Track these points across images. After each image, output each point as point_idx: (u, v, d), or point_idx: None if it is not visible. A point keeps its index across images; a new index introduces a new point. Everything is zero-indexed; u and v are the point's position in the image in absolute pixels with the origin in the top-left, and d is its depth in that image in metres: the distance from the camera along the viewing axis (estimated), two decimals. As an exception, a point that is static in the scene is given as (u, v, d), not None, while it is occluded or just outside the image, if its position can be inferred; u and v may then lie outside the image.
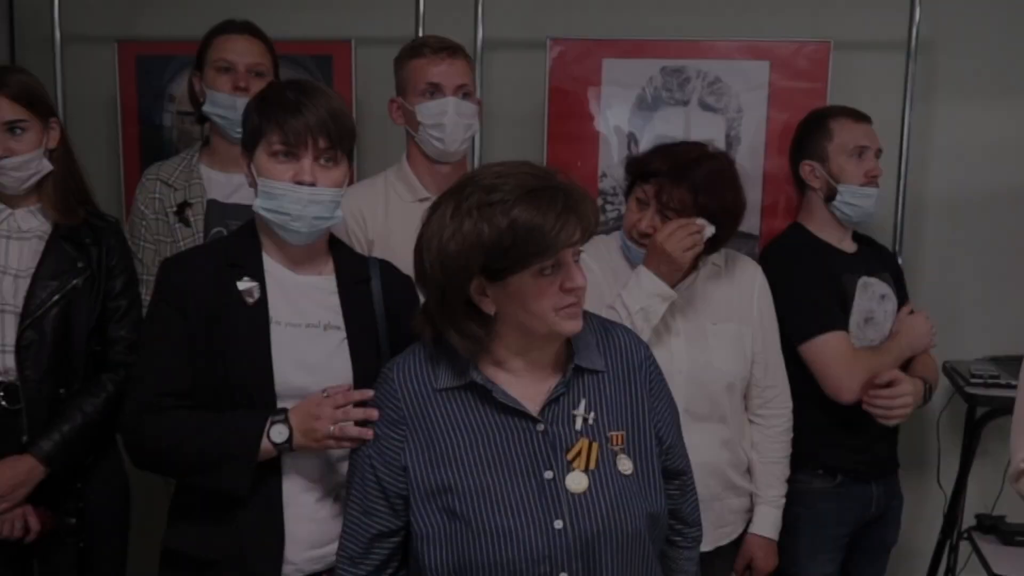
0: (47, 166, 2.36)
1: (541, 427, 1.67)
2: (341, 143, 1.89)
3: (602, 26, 3.29)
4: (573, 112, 3.26)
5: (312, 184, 1.85)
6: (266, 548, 1.88)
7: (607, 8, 3.32)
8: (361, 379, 1.88)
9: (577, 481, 1.64)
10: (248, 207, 1.99)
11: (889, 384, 2.50)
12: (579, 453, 1.66)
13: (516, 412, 1.67)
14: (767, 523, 2.50)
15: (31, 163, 2.32)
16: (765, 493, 2.49)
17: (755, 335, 2.44)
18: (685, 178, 2.27)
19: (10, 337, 2.30)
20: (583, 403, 1.70)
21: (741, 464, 2.47)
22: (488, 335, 1.68)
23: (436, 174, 2.55)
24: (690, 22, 3.27)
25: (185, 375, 1.87)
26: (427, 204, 2.46)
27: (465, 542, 1.61)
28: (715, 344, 2.38)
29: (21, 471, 2.27)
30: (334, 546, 1.83)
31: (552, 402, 1.69)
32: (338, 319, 1.94)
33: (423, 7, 3.19)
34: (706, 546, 2.35)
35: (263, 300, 1.90)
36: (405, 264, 2.38)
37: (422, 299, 1.79)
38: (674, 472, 1.85)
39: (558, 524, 1.61)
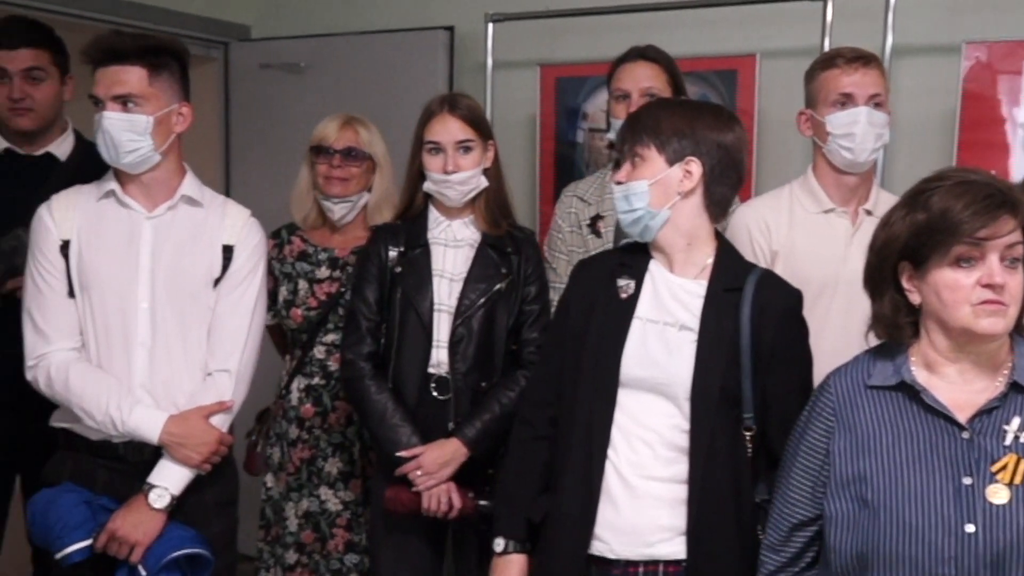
0: (484, 182, 2.48)
1: (966, 435, 1.59)
2: (638, 142, 1.94)
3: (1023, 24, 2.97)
4: (986, 118, 2.97)
5: (618, 183, 1.97)
6: (576, 521, 1.91)
7: (1030, 5, 2.99)
8: (700, 379, 1.87)
9: (998, 493, 1.55)
10: None
11: None
12: (1005, 467, 1.57)
13: (943, 416, 1.61)
14: None
15: (472, 179, 2.46)
16: None
17: None
18: None
19: (444, 333, 2.44)
20: (1017, 420, 1.60)
21: None
22: (915, 332, 1.66)
23: (842, 185, 2.41)
24: None
25: (554, 403, 2.03)
26: (832, 215, 2.39)
27: (872, 531, 1.59)
28: None
29: (447, 451, 2.40)
30: (653, 539, 1.88)
31: (983, 413, 1.60)
32: (694, 321, 1.91)
33: (830, 17, 3.04)
34: None
35: (634, 297, 1.95)
36: (809, 276, 2.30)
37: None
38: None
39: (969, 528, 1.54)
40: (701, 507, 1.87)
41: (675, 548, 1.89)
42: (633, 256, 2.01)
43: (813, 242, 2.39)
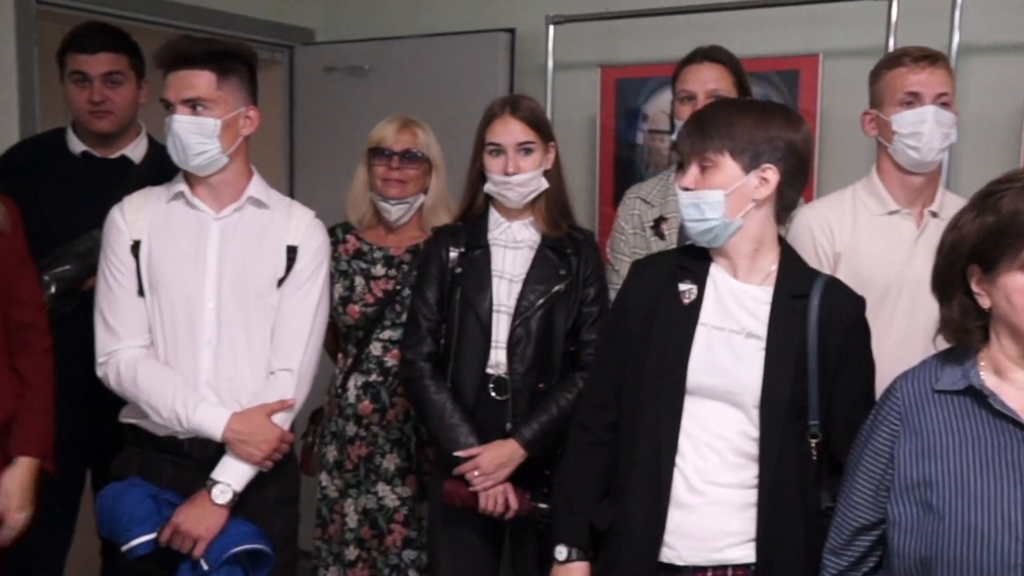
0: (544, 184, 2.47)
1: None
2: (709, 147, 1.87)
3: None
4: (1058, 117, 2.89)
5: (685, 189, 1.89)
6: (645, 528, 1.89)
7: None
8: (770, 387, 1.85)
9: None
10: None
11: None
12: None
13: (1012, 421, 1.57)
14: None
15: (532, 181, 2.44)
16: None
17: None
18: None
19: (503, 334, 2.44)
20: None
21: None
22: (985, 336, 1.62)
23: (907, 186, 2.36)
24: None
25: (612, 408, 2.01)
26: (896, 217, 2.34)
27: (936, 535, 1.56)
28: None
29: (504, 453, 2.39)
30: (721, 544, 1.87)
31: None
32: (761, 328, 1.89)
33: (895, 16, 2.98)
34: None
35: (697, 302, 1.92)
36: (872, 279, 2.26)
37: None
38: None
39: None
40: (770, 513, 1.85)
41: (744, 553, 1.87)
42: (693, 260, 1.97)
43: (877, 244, 2.34)
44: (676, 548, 1.88)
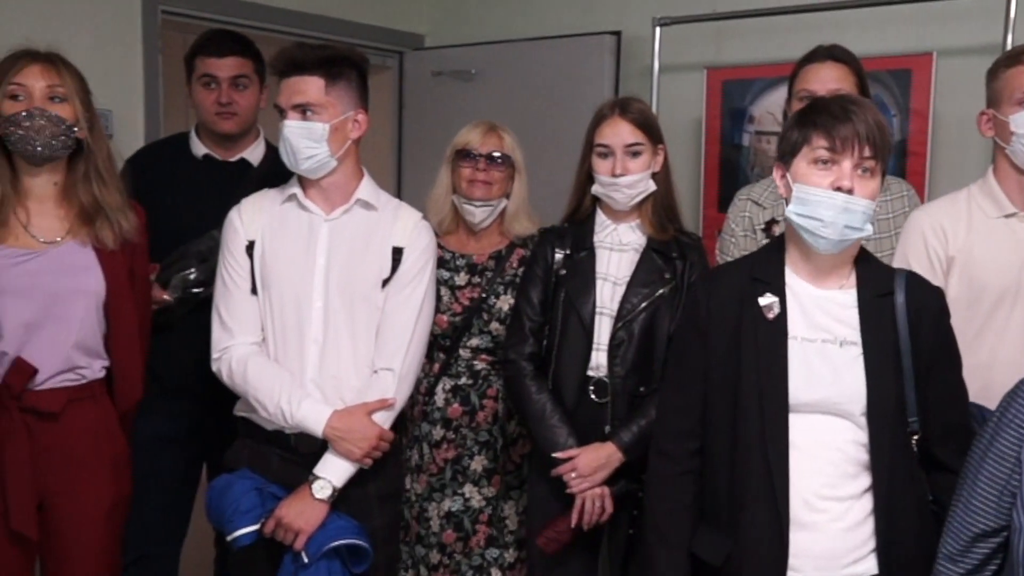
0: (652, 186, 2.43)
1: None
2: (882, 155, 1.78)
3: None
4: None
5: (849, 191, 1.76)
6: (767, 554, 1.81)
7: None
8: (875, 393, 1.79)
9: None
10: None
11: None
12: None
13: None
14: None
15: (640, 183, 2.40)
16: None
17: None
18: None
19: (605, 337, 2.39)
20: None
21: None
22: None
23: (1027, 188, 2.25)
24: None
25: (696, 435, 1.93)
26: (1014, 220, 2.23)
27: None
28: None
29: (602, 455, 2.35)
30: (847, 560, 1.81)
31: None
32: (855, 334, 1.82)
33: (1014, 12, 2.84)
34: None
35: (782, 315, 1.84)
36: (987, 283, 2.16)
37: None
38: None
39: None
40: (889, 519, 1.79)
41: (867, 566, 1.81)
42: (767, 268, 1.90)
43: (992, 248, 2.23)
44: (802, 571, 1.82)
